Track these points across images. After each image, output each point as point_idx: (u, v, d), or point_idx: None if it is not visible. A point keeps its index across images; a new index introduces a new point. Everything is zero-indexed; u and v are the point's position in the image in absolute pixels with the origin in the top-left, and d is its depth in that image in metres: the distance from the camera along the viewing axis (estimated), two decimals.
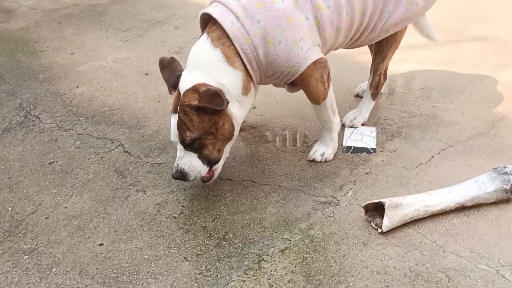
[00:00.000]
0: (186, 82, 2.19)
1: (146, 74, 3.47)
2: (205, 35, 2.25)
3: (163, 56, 2.36)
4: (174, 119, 2.22)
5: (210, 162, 2.27)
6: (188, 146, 2.21)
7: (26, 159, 2.69)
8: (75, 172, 2.57)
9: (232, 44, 2.20)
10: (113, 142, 2.78)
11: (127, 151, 2.71)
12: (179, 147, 2.25)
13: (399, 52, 2.81)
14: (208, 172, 2.28)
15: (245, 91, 2.28)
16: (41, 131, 2.91)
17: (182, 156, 2.24)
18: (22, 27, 4.32)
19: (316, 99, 2.40)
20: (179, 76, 2.27)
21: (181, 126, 2.18)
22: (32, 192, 2.45)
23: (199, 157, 2.23)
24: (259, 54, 2.22)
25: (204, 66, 2.21)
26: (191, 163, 2.23)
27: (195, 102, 2.13)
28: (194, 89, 2.16)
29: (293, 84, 2.43)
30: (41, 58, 3.76)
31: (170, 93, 2.33)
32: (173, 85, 2.30)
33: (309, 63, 2.26)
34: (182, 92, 2.19)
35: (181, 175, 2.24)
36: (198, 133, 2.17)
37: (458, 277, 1.90)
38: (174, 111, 2.22)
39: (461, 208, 2.18)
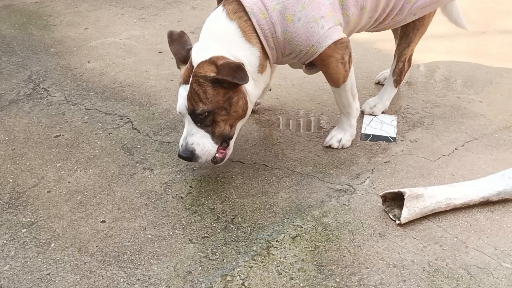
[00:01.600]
0: (201, 54, 2.07)
1: (160, 52, 3.36)
2: (220, 7, 2.13)
3: (172, 30, 2.24)
4: (183, 90, 2.08)
5: (223, 139, 2.14)
6: (200, 120, 2.07)
7: (31, 131, 2.59)
8: (81, 146, 2.48)
9: (249, 18, 2.08)
10: (122, 119, 2.68)
11: (135, 128, 2.60)
12: (188, 120, 2.10)
13: (423, 41, 2.67)
14: (220, 152, 2.16)
15: (261, 69, 2.16)
16: (49, 104, 2.82)
17: (193, 133, 2.09)
18: (36, 0, 4.23)
19: (335, 81, 2.28)
20: (189, 50, 2.15)
21: (193, 96, 2.05)
22: (36, 165, 2.36)
23: (213, 138, 2.10)
24: (276, 30, 2.10)
25: (221, 39, 2.09)
26: (204, 145, 2.09)
27: (212, 74, 2.01)
28: (211, 61, 2.04)
29: (311, 65, 2.31)
30: (54, 32, 3.67)
31: (179, 68, 2.20)
32: (183, 59, 2.16)
33: (330, 43, 2.14)
34: (195, 64, 2.06)
35: (190, 155, 2.09)
36: (211, 106, 2.04)
37: (481, 274, 1.77)
38: (184, 82, 2.09)
39: (486, 203, 2.05)
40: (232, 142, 2.19)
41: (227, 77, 1.98)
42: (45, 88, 2.96)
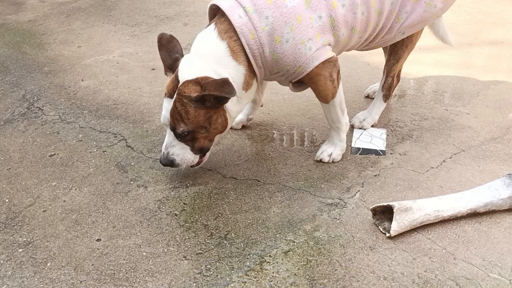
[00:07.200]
0: (188, 72, 2.13)
1: (153, 69, 3.40)
2: (212, 26, 2.19)
3: (162, 33, 2.29)
4: (168, 103, 2.17)
5: (202, 151, 2.27)
6: (180, 136, 2.19)
7: (26, 150, 2.63)
8: (75, 165, 2.51)
9: (239, 38, 2.13)
10: (116, 136, 2.72)
11: (129, 146, 2.64)
12: (170, 132, 2.22)
13: (411, 53, 2.73)
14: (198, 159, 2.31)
15: (246, 86, 2.22)
16: (43, 123, 2.85)
17: (173, 145, 2.22)
18: (30, 19, 4.28)
19: (324, 97, 2.33)
20: (177, 59, 2.22)
21: (175, 115, 2.14)
22: (31, 184, 2.39)
23: (192, 149, 2.23)
24: (265, 51, 2.15)
25: (209, 58, 2.16)
26: (184, 155, 2.23)
27: (195, 94, 2.08)
28: (196, 82, 2.11)
29: (298, 84, 2.37)
30: (47, 51, 3.71)
31: (166, 74, 2.26)
32: (170, 67, 2.24)
33: (317, 63, 2.19)
34: (181, 79, 2.13)
35: (170, 164, 2.24)
36: (192, 126, 2.14)
37: (469, 285, 1.81)
38: (169, 95, 2.17)
39: (473, 215, 2.10)
40: (209, 152, 2.32)
41: (215, 92, 2.04)
42: (40, 107, 3.00)
